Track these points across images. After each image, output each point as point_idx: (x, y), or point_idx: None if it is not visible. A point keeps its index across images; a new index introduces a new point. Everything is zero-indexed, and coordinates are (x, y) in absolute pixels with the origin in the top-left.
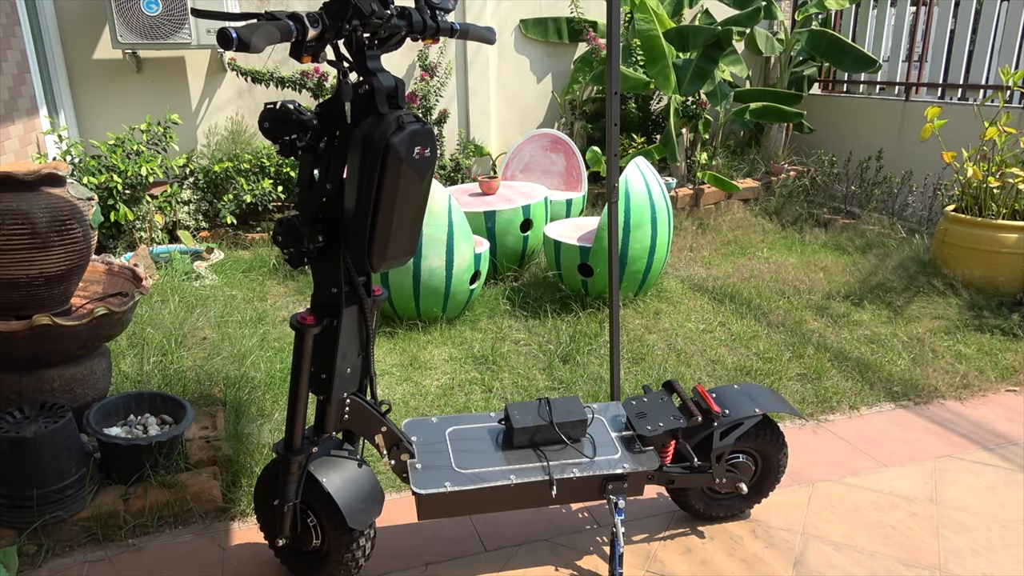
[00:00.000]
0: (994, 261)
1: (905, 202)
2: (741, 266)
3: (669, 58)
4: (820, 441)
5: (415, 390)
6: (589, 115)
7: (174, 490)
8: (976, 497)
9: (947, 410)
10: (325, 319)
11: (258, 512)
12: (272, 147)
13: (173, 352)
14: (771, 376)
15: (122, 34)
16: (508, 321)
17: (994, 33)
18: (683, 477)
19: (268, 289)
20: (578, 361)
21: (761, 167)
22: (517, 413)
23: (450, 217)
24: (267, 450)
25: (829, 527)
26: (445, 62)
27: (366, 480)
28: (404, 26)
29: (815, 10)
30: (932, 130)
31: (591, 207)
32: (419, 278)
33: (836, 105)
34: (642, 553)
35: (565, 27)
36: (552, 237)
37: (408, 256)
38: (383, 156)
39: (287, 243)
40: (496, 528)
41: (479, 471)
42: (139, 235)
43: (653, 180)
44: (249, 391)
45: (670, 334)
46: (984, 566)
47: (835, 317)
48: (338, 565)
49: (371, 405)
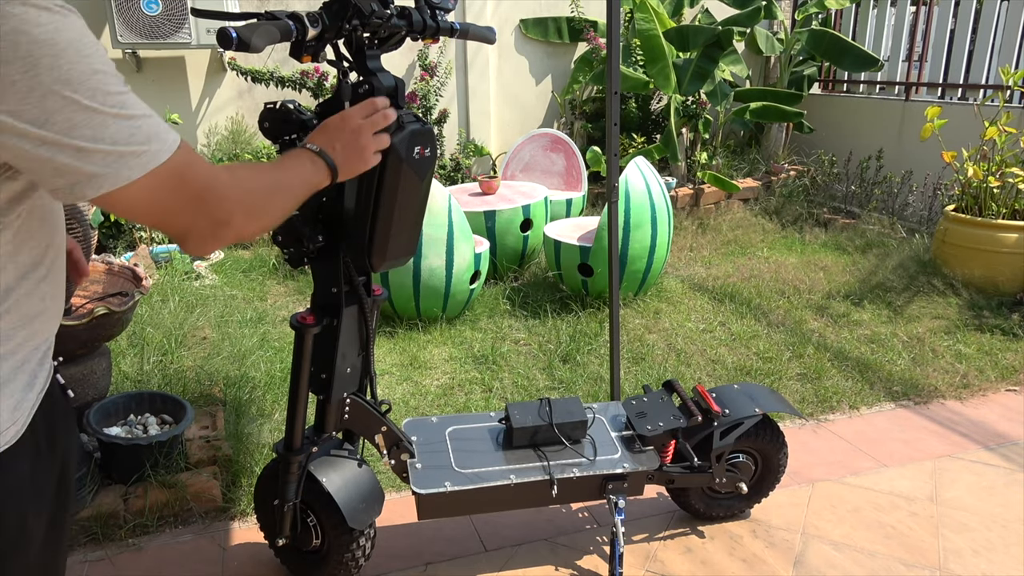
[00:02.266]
0: (994, 261)
1: (905, 202)
2: (741, 266)
3: (669, 58)
4: (820, 441)
5: (415, 390)
6: (589, 115)
7: (174, 490)
8: (976, 497)
9: (947, 410)
10: (325, 319)
11: (258, 512)
12: (272, 147)
13: (173, 352)
14: (771, 376)
15: (122, 34)
16: (508, 321)
17: (994, 33)
18: (683, 477)
19: (268, 289)
20: (578, 361)
21: (761, 167)
22: (517, 413)
23: (450, 217)
24: (267, 450)
25: (829, 527)
26: (445, 62)
27: (366, 480)
28: (404, 26)
29: (815, 10)
30: (932, 130)
31: (591, 207)
32: (419, 278)
33: (836, 105)
34: (642, 553)
35: (565, 27)
36: (552, 237)
37: (408, 256)
38: (383, 156)
39: (287, 243)
40: (496, 528)
41: (479, 471)
42: (139, 235)
43: (653, 180)
44: (249, 391)
45: (670, 334)
46: (984, 566)
47: (835, 317)
48: (338, 565)
49: (371, 405)
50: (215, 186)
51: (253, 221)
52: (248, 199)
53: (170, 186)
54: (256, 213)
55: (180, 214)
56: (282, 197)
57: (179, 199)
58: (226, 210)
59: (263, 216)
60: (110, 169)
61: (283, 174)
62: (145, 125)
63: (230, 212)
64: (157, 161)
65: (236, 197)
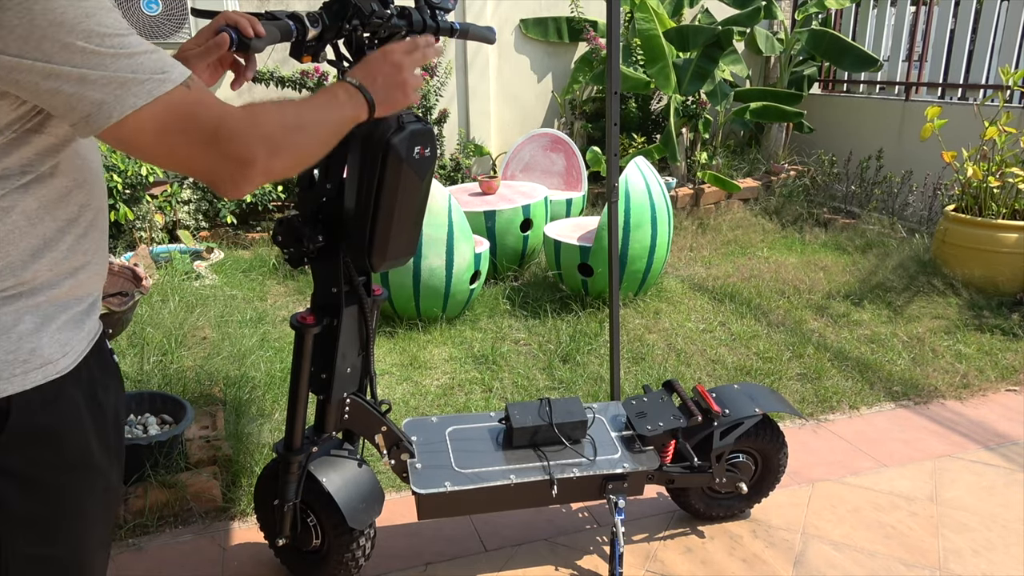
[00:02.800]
0: (994, 261)
1: (905, 202)
2: (741, 266)
3: (669, 58)
4: (820, 441)
5: (415, 390)
6: (589, 115)
7: (174, 490)
8: (976, 497)
9: (947, 410)
10: (325, 319)
11: (258, 512)
12: None
13: (173, 352)
14: (771, 376)
15: None
16: (508, 321)
17: (994, 33)
18: (683, 477)
19: (268, 289)
20: (578, 361)
21: (761, 167)
22: (517, 413)
23: (450, 217)
24: (267, 450)
25: (829, 527)
26: (445, 62)
27: (366, 480)
28: (404, 26)
29: (815, 10)
30: (932, 130)
31: (591, 207)
32: (419, 278)
33: (836, 105)
34: (642, 553)
35: (565, 27)
36: (552, 237)
37: (408, 256)
38: (383, 156)
39: (287, 243)
40: (496, 528)
41: (479, 471)
42: (139, 235)
43: (653, 180)
44: (249, 391)
45: (670, 334)
46: (984, 566)
47: (835, 317)
48: (338, 565)
49: (371, 405)
50: (229, 123)
51: (281, 158)
52: (271, 135)
53: (180, 122)
54: (282, 150)
55: (197, 155)
56: (312, 132)
57: (192, 137)
58: (246, 147)
59: (292, 153)
60: (115, 95)
61: (313, 109)
62: (148, 60)
63: (251, 149)
64: (162, 88)
65: (256, 133)
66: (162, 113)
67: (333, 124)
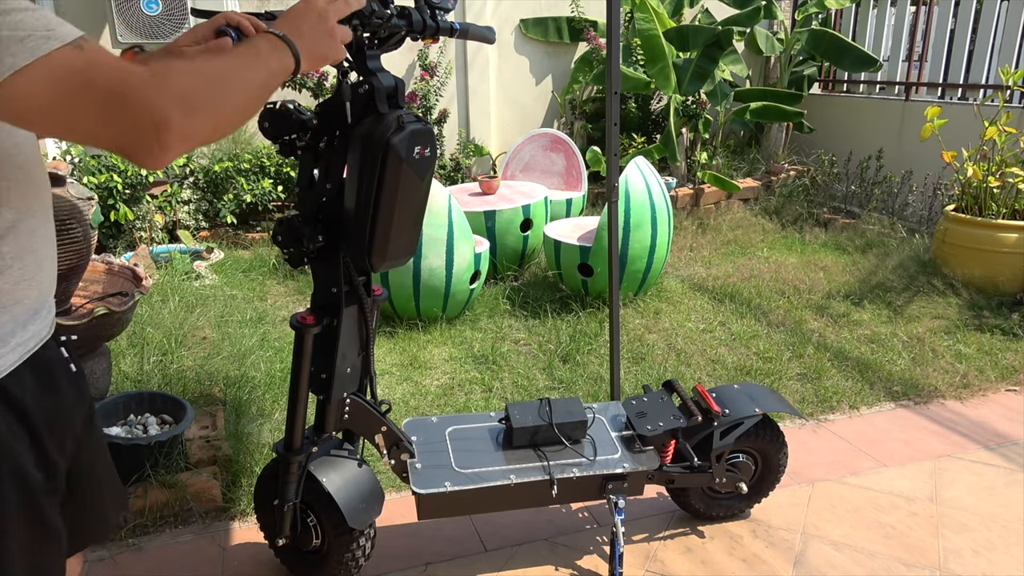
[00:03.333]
0: (994, 261)
1: (905, 202)
2: (741, 266)
3: (669, 58)
4: (820, 441)
5: (415, 390)
6: (589, 115)
7: (174, 490)
8: (976, 497)
9: (947, 410)
10: (325, 319)
11: (258, 512)
12: (272, 147)
13: (173, 352)
14: (771, 376)
15: (122, 34)
16: (508, 321)
17: (994, 33)
18: (683, 477)
19: (268, 289)
20: (578, 361)
21: (761, 167)
22: (517, 413)
23: (450, 217)
24: (267, 450)
25: (829, 527)
26: (445, 62)
27: (366, 480)
28: (404, 26)
29: (815, 10)
30: (932, 130)
31: (591, 207)
32: (419, 278)
33: (836, 105)
34: (642, 553)
35: (565, 27)
36: (552, 237)
37: (408, 256)
38: (383, 156)
39: (287, 243)
40: (496, 528)
41: (479, 471)
42: (139, 235)
43: (653, 180)
44: (249, 391)
45: (670, 334)
46: (984, 566)
47: (835, 317)
48: (338, 565)
49: (371, 405)
50: (134, 83)
51: (199, 117)
52: (185, 93)
53: (75, 86)
54: (200, 108)
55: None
56: (234, 88)
57: (91, 103)
58: (156, 109)
59: (212, 111)
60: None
61: (232, 62)
62: (28, 16)
63: (163, 111)
64: (47, 47)
65: (167, 92)
66: (51, 76)
67: (258, 79)
